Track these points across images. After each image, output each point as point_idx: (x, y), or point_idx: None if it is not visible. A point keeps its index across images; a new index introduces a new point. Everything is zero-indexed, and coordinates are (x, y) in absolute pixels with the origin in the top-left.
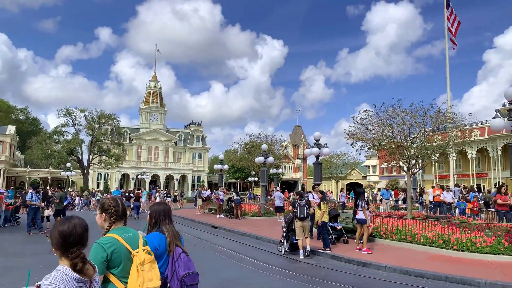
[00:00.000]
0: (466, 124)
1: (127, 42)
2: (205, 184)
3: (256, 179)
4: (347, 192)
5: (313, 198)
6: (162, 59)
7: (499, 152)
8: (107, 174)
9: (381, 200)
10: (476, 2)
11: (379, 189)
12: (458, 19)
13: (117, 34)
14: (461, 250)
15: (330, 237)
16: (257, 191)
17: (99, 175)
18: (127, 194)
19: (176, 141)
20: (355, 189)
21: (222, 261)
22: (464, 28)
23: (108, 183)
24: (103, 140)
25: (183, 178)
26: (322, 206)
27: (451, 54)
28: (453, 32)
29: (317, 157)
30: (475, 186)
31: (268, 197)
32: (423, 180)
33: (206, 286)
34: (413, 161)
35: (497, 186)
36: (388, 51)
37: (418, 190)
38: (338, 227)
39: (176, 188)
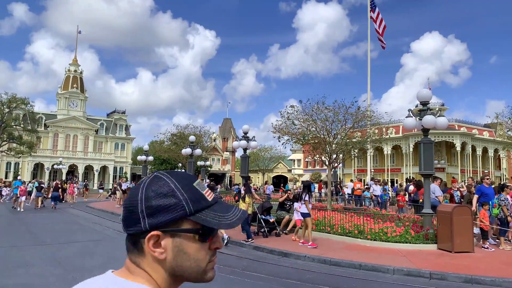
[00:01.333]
0: (383, 122)
1: (45, 21)
2: (128, 175)
3: (183, 171)
4: (282, 185)
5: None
6: (85, 42)
7: (411, 149)
8: (18, 163)
9: None
10: (396, 9)
11: (303, 182)
12: (384, 22)
13: (35, 12)
14: (374, 240)
15: (263, 230)
16: None
17: (8, 164)
18: (38, 184)
19: (97, 130)
20: (303, 182)
21: None
22: (386, 32)
23: (19, 172)
24: (14, 126)
25: (104, 169)
26: (246, 199)
27: (374, 55)
28: (381, 33)
29: (245, 150)
30: (389, 180)
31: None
32: (343, 174)
33: None
34: (334, 156)
35: (414, 180)
36: (316, 50)
37: (338, 183)
38: (271, 220)
39: (96, 180)
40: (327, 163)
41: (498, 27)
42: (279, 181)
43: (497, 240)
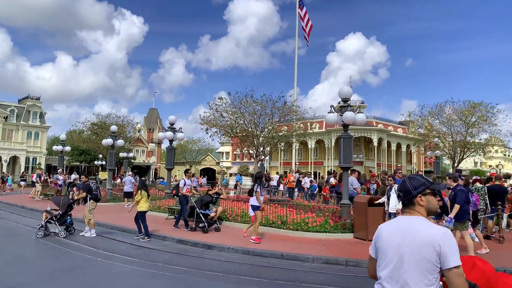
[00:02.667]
0: (307, 117)
1: None
2: (43, 166)
3: (104, 162)
4: (216, 178)
5: (184, 184)
6: None
7: (333, 144)
8: None
9: (235, 186)
10: (324, 8)
11: (231, 174)
12: (310, 22)
13: None
14: (296, 230)
15: (202, 224)
16: (104, 175)
17: None
18: None
19: (7, 117)
20: (257, 173)
21: (55, 250)
22: (313, 30)
23: None
24: None
25: (14, 159)
26: (137, 196)
27: (301, 53)
28: (307, 32)
29: (171, 141)
30: (312, 172)
31: (117, 181)
32: (270, 166)
33: (32, 278)
34: (261, 149)
35: (334, 172)
36: (247, 44)
37: (267, 175)
38: (211, 214)
39: (5, 170)
40: (254, 155)
41: (414, 32)
42: (207, 174)
43: None
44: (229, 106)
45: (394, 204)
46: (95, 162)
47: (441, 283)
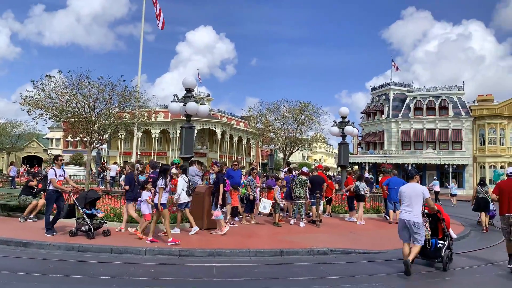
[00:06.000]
0: (150, 105)
1: None
2: None
3: None
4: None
5: (55, 174)
6: None
7: (178, 134)
8: None
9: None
10: None
11: (163, 166)
12: (159, 5)
13: None
14: (131, 222)
15: (86, 228)
16: None
17: None
18: None
19: None
20: (163, 165)
21: None
22: (165, 17)
23: None
24: None
25: None
26: None
27: (151, 38)
28: (159, 17)
29: None
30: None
31: None
32: (108, 156)
33: None
34: (97, 136)
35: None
36: (90, 21)
37: (100, 165)
38: (100, 215)
39: None
40: (88, 143)
41: (261, 34)
42: (32, 163)
43: (240, 216)
44: (60, 86)
45: (179, 195)
46: None
47: (426, 210)
